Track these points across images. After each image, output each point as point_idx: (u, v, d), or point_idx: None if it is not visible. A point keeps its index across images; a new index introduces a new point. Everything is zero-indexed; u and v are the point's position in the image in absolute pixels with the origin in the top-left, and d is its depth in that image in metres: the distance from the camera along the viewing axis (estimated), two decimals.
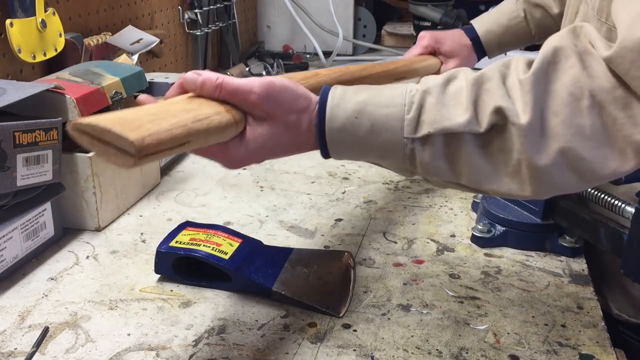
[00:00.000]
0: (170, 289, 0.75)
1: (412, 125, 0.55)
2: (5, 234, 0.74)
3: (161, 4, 1.48)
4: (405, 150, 0.56)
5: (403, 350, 0.64)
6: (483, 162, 0.54)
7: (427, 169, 0.56)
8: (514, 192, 0.54)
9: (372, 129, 0.56)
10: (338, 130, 0.57)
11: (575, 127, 0.51)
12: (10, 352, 0.63)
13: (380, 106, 0.56)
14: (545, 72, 0.52)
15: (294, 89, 0.58)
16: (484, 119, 0.53)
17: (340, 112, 0.57)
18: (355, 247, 0.85)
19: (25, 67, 1.02)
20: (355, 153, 0.59)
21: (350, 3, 2.02)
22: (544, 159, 0.51)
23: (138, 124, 0.48)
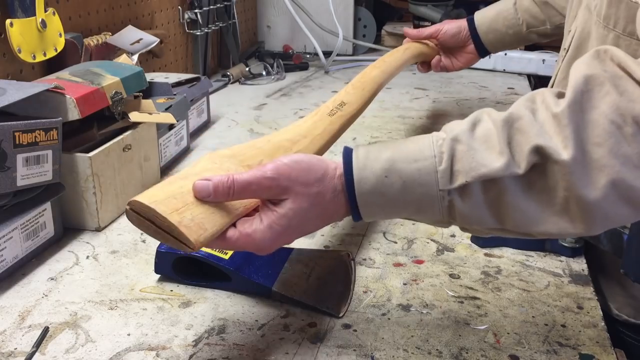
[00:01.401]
0: (170, 289, 0.75)
1: (446, 177, 0.53)
2: (5, 234, 0.74)
3: (161, 4, 1.48)
4: (442, 203, 0.53)
5: (403, 350, 0.64)
6: (528, 205, 0.51)
7: (468, 219, 0.54)
8: (565, 230, 0.51)
9: (405, 186, 0.54)
10: (369, 192, 0.55)
11: (622, 156, 0.48)
12: (10, 352, 0.63)
13: (410, 161, 0.54)
14: (580, 102, 0.50)
15: (306, 160, 0.56)
16: (522, 160, 0.50)
17: (368, 173, 0.55)
18: (355, 247, 0.85)
19: (25, 67, 1.02)
20: (388, 212, 0.57)
21: (350, 3, 2.02)
22: (594, 193, 0.49)
23: (192, 216, 0.53)
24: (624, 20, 0.67)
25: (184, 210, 0.53)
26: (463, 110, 1.48)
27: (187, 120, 1.19)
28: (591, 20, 0.74)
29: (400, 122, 1.38)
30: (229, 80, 1.71)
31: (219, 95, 1.60)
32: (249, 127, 1.35)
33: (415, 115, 1.44)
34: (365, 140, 1.26)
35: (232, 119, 1.41)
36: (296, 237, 0.58)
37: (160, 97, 1.14)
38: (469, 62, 1.28)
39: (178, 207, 0.53)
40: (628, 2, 0.65)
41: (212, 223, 0.54)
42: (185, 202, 0.54)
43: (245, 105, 1.52)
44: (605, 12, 0.68)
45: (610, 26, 0.69)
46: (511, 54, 1.82)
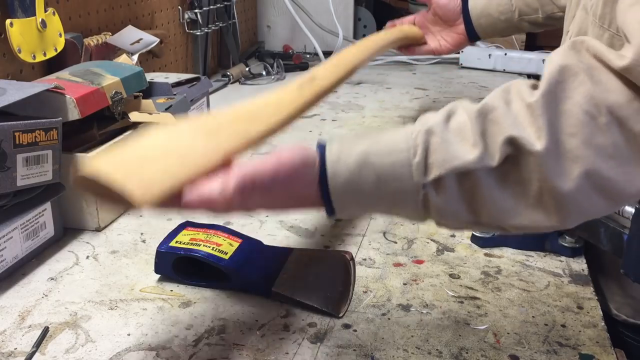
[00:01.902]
0: (170, 289, 0.75)
1: (420, 170, 0.51)
2: (5, 234, 0.74)
3: (161, 4, 1.48)
4: (417, 197, 0.52)
5: (403, 350, 0.64)
6: (502, 197, 0.51)
7: (444, 212, 0.53)
8: (540, 223, 0.51)
9: (379, 180, 0.52)
10: (342, 186, 0.53)
11: (595, 147, 0.47)
12: (10, 352, 0.63)
13: (383, 155, 0.53)
14: (554, 92, 0.49)
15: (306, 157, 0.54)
16: (496, 151, 0.50)
17: (341, 167, 0.53)
18: (355, 247, 0.85)
19: (25, 67, 1.02)
20: (362, 207, 0.56)
21: (350, 3, 2.02)
22: (567, 184, 0.48)
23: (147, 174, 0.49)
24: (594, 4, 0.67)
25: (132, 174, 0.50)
26: None
27: None
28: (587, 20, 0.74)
29: (400, 122, 1.38)
30: (229, 80, 1.71)
31: (219, 95, 1.60)
32: None
33: (415, 115, 1.43)
34: None
35: None
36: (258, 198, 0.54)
37: (160, 97, 1.14)
38: (458, 44, 1.26)
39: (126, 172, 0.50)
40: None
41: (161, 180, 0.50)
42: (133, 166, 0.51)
43: None
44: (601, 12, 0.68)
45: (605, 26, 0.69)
46: (511, 54, 1.82)
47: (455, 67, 1.89)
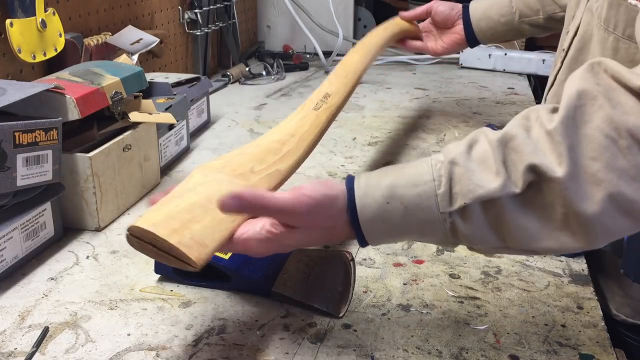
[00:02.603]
0: (170, 289, 0.75)
1: (446, 200, 0.53)
2: (5, 234, 0.74)
3: (161, 4, 1.48)
4: (445, 225, 0.54)
5: (403, 350, 0.64)
6: (527, 222, 0.52)
7: (472, 239, 0.55)
8: (567, 245, 0.51)
9: (406, 212, 0.55)
10: (372, 220, 0.56)
11: (618, 170, 0.48)
12: (10, 352, 0.63)
13: (409, 186, 0.55)
14: (573, 117, 0.50)
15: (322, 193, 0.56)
16: (518, 179, 0.51)
17: (369, 201, 0.56)
18: (355, 247, 0.85)
19: (25, 67, 1.02)
20: (393, 237, 0.58)
21: (350, 3, 2.02)
22: (592, 208, 0.49)
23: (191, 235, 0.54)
24: (624, 23, 0.67)
25: (183, 230, 0.54)
26: (463, 110, 1.48)
27: (187, 120, 1.19)
28: (593, 23, 0.74)
29: (400, 122, 1.38)
30: (229, 80, 1.71)
31: (219, 95, 1.60)
32: (249, 127, 1.35)
33: (415, 115, 1.44)
34: (365, 140, 1.26)
35: (232, 119, 1.41)
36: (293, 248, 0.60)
37: (160, 97, 1.14)
38: (454, 45, 1.24)
39: (176, 228, 0.54)
40: (628, 5, 0.65)
41: (211, 238, 0.55)
42: (183, 221, 0.55)
43: (245, 105, 1.52)
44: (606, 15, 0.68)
45: (610, 29, 0.69)
46: (511, 53, 1.82)
47: (455, 67, 1.89)
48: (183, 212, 0.56)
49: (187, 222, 0.55)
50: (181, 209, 0.56)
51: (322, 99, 0.78)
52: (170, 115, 1.02)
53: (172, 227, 0.53)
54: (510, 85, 1.71)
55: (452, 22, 1.22)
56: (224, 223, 0.56)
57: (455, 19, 1.22)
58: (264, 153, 0.67)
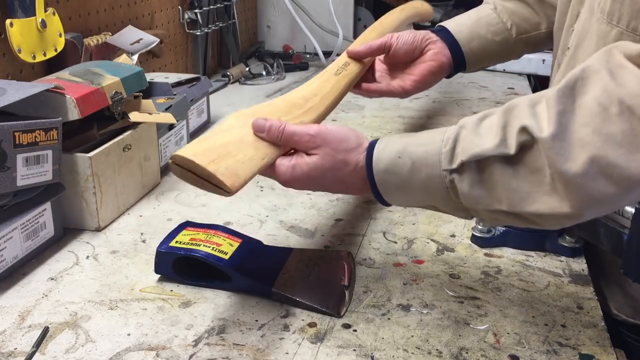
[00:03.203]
0: (170, 289, 0.75)
1: (448, 157, 0.58)
2: (5, 234, 0.74)
3: (161, 4, 1.48)
4: (445, 182, 0.58)
5: (403, 350, 0.64)
6: (519, 184, 0.54)
7: (469, 198, 0.58)
8: (555, 210, 0.54)
9: (413, 166, 0.60)
10: (384, 171, 0.63)
11: (604, 135, 0.50)
12: (10, 352, 0.63)
13: (420, 145, 0.60)
14: (572, 87, 0.52)
15: (346, 131, 0.66)
16: (512, 140, 0.54)
17: (384, 154, 0.63)
18: (355, 247, 0.85)
19: (25, 67, 1.02)
20: (403, 193, 0.63)
21: (350, 3, 2.02)
22: (574, 168, 0.51)
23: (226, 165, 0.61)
24: (628, 15, 0.67)
25: (219, 161, 0.61)
26: (463, 110, 1.48)
27: (187, 120, 1.19)
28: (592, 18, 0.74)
29: (400, 122, 1.38)
30: (229, 80, 1.71)
31: (219, 95, 1.60)
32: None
33: (415, 115, 1.44)
34: None
35: None
36: (313, 187, 0.68)
37: (160, 97, 1.14)
38: (428, 76, 0.96)
39: (214, 158, 0.61)
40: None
41: (243, 171, 0.62)
42: (219, 154, 0.62)
43: (245, 105, 1.51)
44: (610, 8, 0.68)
45: (614, 22, 0.69)
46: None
47: None
48: (219, 147, 0.63)
49: (223, 155, 0.62)
50: (218, 145, 0.63)
51: (342, 66, 0.86)
52: (170, 115, 1.02)
53: (211, 157, 0.60)
54: (510, 85, 1.71)
55: (419, 51, 0.96)
56: (255, 160, 0.64)
57: (423, 47, 0.95)
58: (290, 107, 0.74)
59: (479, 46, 0.99)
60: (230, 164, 0.61)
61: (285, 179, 0.67)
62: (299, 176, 0.66)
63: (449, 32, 0.97)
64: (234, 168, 0.61)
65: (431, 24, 2.00)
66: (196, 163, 0.59)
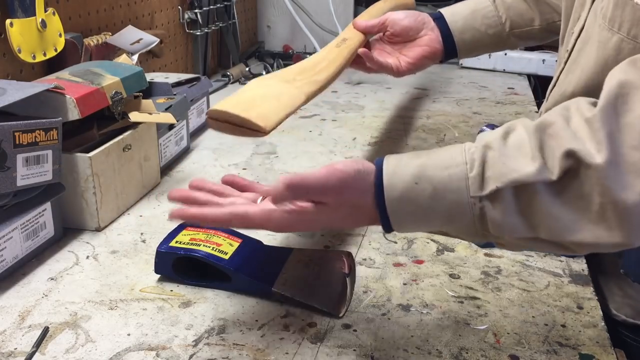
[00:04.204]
0: (170, 289, 0.75)
1: (477, 183, 0.52)
2: (5, 234, 0.74)
3: (161, 4, 1.48)
4: (473, 210, 0.52)
5: (403, 350, 0.64)
6: (561, 211, 0.50)
7: (501, 227, 0.52)
8: (602, 240, 0.49)
9: (435, 193, 0.53)
10: (398, 199, 0.55)
11: None
12: (10, 352, 0.63)
13: (440, 168, 0.53)
14: (614, 106, 0.49)
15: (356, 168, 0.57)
16: (555, 165, 0.49)
17: (397, 180, 0.55)
18: (355, 247, 0.85)
19: (25, 67, 1.02)
20: (419, 222, 0.56)
21: (350, 3, 2.02)
22: (632, 198, 0.47)
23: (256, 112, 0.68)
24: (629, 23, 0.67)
25: (250, 110, 0.67)
26: (463, 110, 1.48)
27: (187, 120, 1.19)
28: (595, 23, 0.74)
29: (400, 122, 1.38)
30: (229, 80, 1.71)
31: (219, 95, 1.60)
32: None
33: (415, 115, 1.44)
34: (365, 140, 1.26)
35: None
36: (317, 230, 0.63)
37: (160, 97, 1.14)
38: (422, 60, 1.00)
39: (245, 108, 0.67)
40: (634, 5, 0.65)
41: (273, 115, 0.68)
42: (249, 105, 0.69)
43: None
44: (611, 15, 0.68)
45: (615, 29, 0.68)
46: (511, 53, 1.82)
47: (456, 67, 1.89)
48: (248, 100, 0.70)
49: (253, 106, 0.69)
50: (246, 99, 0.71)
51: (341, 41, 0.92)
52: (170, 115, 1.02)
53: (242, 107, 0.67)
54: (510, 85, 1.71)
55: (415, 33, 1.00)
56: (281, 107, 0.71)
57: (420, 29, 1.00)
58: (302, 70, 0.82)
59: (472, 37, 1.01)
60: (260, 111, 0.69)
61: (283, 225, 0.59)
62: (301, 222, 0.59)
63: (445, 21, 1.01)
64: (264, 113, 0.68)
65: None
66: (231, 113, 0.66)
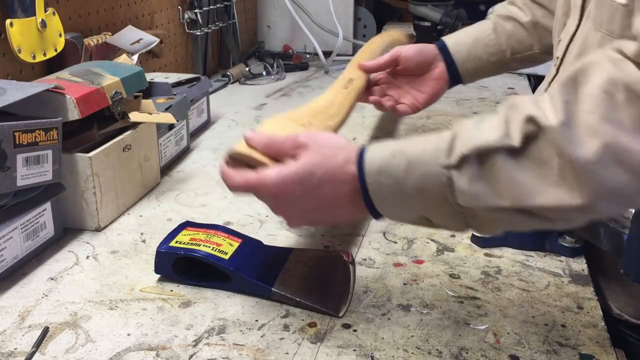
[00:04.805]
0: (170, 289, 0.75)
1: (446, 153, 0.55)
2: (5, 234, 0.74)
3: (161, 4, 1.48)
4: (443, 180, 0.55)
5: (403, 350, 0.64)
6: (524, 176, 0.52)
7: (469, 196, 0.55)
8: (564, 202, 0.51)
9: (409, 165, 0.57)
10: (377, 171, 0.59)
11: (615, 122, 0.49)
12: (10, 352, 0.63)
13: (416, 145, 0.58)
14: (575, 79, 0.51)
15: (333, 135, 0.65)
16: (516, 132, 0.52)
17: (377, 155, 0.60)
18: (355, 247, 0.85)
19: (25, 67, 1.02)
20: (396, 199, 0.59)
21: (350, 3, 2.02)
22: (586, 154, 0.49)
23: None
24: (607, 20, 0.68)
25: None
26: (463, 110, 1.48)
27: (187, 120, 1.19)
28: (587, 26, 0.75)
29: (400, 122, 1.38)
30: (229, 80, 1.71)
31: (219, 95, 1.60)
32: (249, 127, 1.35)
33: (415, 115, 1.43)
34: (365, 140, 1.26)
35: (232, 119, 1.41)
36: (300, 191, 0.61)
37: (160, 97, 1.14)
38: (437, 94, 1.05)
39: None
40: (610, 2, 0.67)
41: None
42: None
43: (245, 105, 1.52)
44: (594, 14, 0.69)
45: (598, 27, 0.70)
46: None
47: None
48: None
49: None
50: None
51: (347, 82, 0.92)
52: (170, 115, 1.02)
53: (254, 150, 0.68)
54: (510, 85, 1.71)
55: (427, 67, 1.03)
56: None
57: (431, 63, 1.03)
58: (315, 112, 0.81)
59: (474, 65, 1.05)
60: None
61: (271, 186, 0.62)
62: (286, 179, 0.61)
63: (448, 51, 1.04)
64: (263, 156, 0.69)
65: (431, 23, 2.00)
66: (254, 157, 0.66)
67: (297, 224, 0.70)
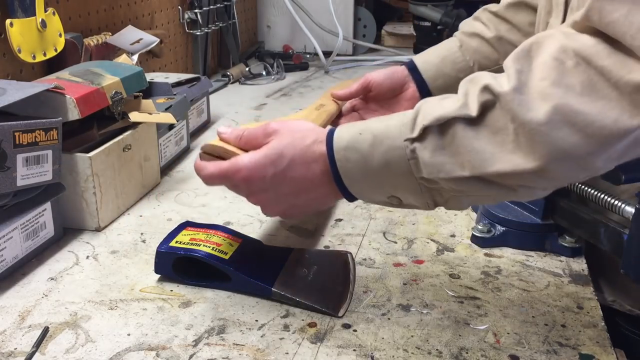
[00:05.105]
0: (170, 289, 0.75)
1: (409, 126, 0.58)
2: (5, 234, 0.74)
3: (161, 4, 1.48)
4: (407, 153, 0.57)
5: (403, 350, 0.64)
6: (482, 144, 0.55)
7: (432, 168, 0.57)
8: (520, 167, 0.53)
9: (374, 140, 0.59)
10: (344, 147, 0.61)
11: (565, 86, 0.51)
12: (10, 352, 0.63)
13: (382, 121, 0.61)
14: (529, 50, 0.54)
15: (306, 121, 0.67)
16: (474, 102, 0.55)
17: (344, 132, 0.62)
18: (355, 247, 0.85)
19: (25, 67, 1.03)
20: (365, 175, 0.61)
21: (350, 3, 2.03)
22: (537, 117, 0.51)
23: None
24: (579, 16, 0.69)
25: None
26: None
27: (187, 120, 1.19)
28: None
29: None
30: (229, 80, 1.71)
31: (219, 95, 1.60)
32: None
33: None
34: None
35: (232, 119, 1.41)
36: (272, 173, 0.63)
37: (160, 97, 1.14)
38: None
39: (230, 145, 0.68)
40: None
41: None
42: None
43: (245, 105, 1.52)
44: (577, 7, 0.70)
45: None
46: None
47: None
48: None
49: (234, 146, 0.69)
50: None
51: (319, 106, 0.92)
52: (170, 115, 1.02)
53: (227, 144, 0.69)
54: None
55: (400, 89, 1.02)
56: None
57: (403, 84, 1.02)
58: None
59: (444, 83, 1.04)
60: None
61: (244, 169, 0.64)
62: (258, 162, 0.63)
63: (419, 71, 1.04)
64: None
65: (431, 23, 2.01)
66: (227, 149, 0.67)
67: (273, 211, 0.69)
